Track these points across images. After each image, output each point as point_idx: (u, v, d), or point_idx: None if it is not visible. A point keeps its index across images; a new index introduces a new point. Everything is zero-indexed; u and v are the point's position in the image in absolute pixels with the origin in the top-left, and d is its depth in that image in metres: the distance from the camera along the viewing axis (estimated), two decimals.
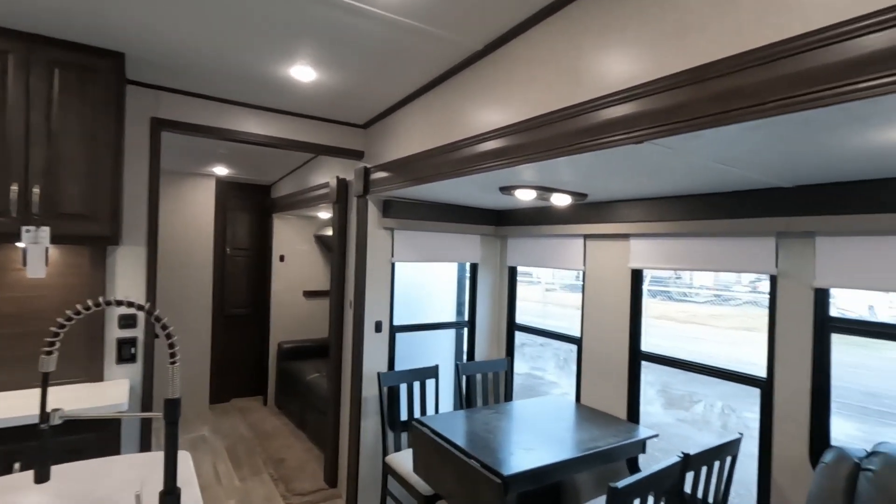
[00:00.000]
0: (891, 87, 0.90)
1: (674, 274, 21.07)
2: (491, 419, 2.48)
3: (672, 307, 15.60)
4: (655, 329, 10.91)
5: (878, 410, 7.39)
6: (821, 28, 0.98)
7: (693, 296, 17.41)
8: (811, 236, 1.87)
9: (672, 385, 7.51)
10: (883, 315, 10.14)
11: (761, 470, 2.03)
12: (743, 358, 8.37)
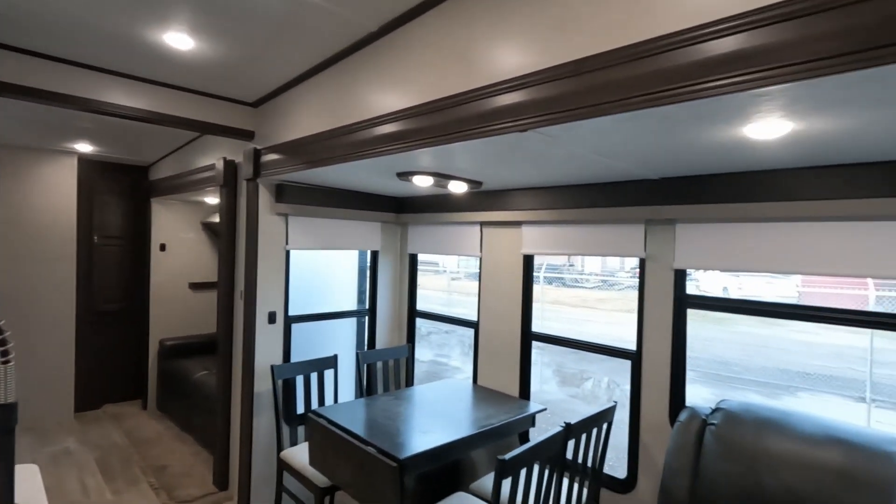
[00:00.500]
0: (735, 87, 1.02)
1: (567, 261, 22.41)
2: (390, 405, 2.48)
3: (565, 293, 16.75)
4: (551, 313, 11.72)
5: (729, 377, 8.58)
6: (676, 31, 1.09)
7: (583, 282, 18.88)
8: (672, 223, 2.11)
9: (565, 365, 8.12)
10: (734, 294, 11.64)
11: (632, 433, 2.26)
12: (623, 336, 9.27)
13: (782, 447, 1.62)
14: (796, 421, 1.67)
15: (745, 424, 1.74)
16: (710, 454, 1.76)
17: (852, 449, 1.53)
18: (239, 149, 2.92)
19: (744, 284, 12.09)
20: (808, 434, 1.62)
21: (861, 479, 1.47)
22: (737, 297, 3.88)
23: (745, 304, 2.08)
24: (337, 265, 3.46)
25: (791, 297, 12.19)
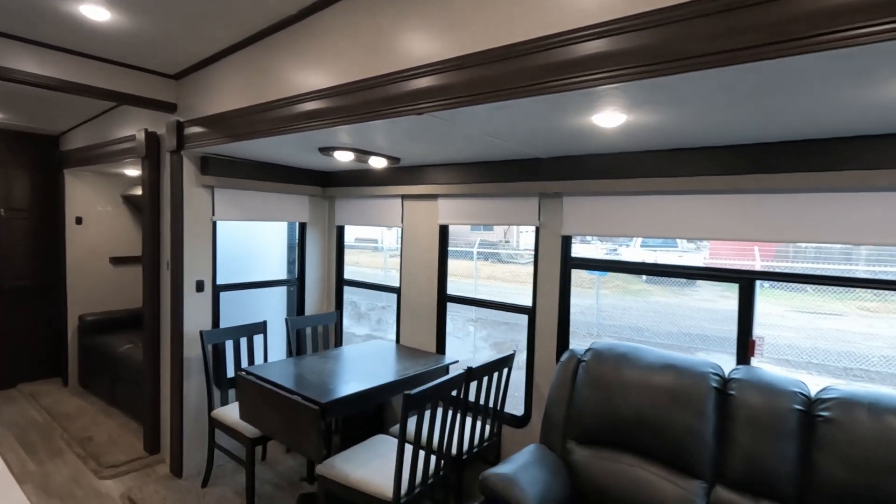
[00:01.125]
0: (579, 85, 1.30)
1: (503, 237, 23.00)
2: (317, 363, 2.71)
3: (501, 268, 17.38)
4: (484, 288, 12.20)
5: (640, 340, 9.49)
6: (535, 38, 1.36)
7: (518, 258, 19.59)
8: (560, 196, 2.46)
9: (495, 336, 8.67)
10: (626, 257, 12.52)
11: (528, 376, 2.64)
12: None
13: (631, 375, 2.04)
14: (644, 354, 2.09)
15: (607, 360, 2.14)
16: (581, 385, 2.15)
17: (679, 373, 1.96)
18: (160, 120, 2.95)
19: (659, 258, 13.25)
20: (651, 363, 2.04)
21: (683, 395, 1.90)
22: (609, 258, 4.37)
23: (615, 263, 2.48)
24: (267, 236, 3.57)
25: (699, 267, 13.47)
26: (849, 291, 11.06)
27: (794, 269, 10.67)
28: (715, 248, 13.66)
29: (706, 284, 13.31)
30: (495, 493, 1.80)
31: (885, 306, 10.24)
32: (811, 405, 1.73)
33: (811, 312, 9.77)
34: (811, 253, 11.34)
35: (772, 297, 11.08)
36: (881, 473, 1.51)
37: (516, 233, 23.25)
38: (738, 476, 1.76)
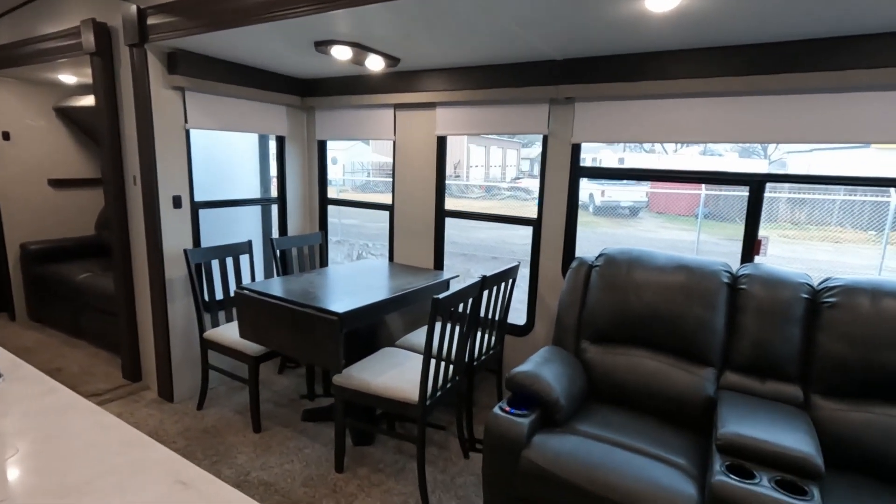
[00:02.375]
0: None
1: (453, 172, 22.93)
2: (314, 279, 2.60)
3: (452, 202, 17.40)
4: (453, 223, 12.13)
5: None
6: None
7: (469, 192, 19.59)
8: (572, 102, 2.39)
9: (493, 267, 8.80)
10: (609, 197, 13.09)
11: (531, 287, 2.69)
12: (503, 238, 10.13)
13: (645, 276, 2.11)
14: (656, 257, 2.17)
15: (619, 264, 2.20)
16: (594, 289, 2.21)
17: (692, 272, 2.06)
18: (106, 10, 2.52)
19: (606, 191, 13.73)
20: (663, 265, 2.12)
21: (696, 291, 2.01)
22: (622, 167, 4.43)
23: (627, 171, 2.49)
24: (239, 151, 3.28)
25: (642, 200, 14.20)
26: (773, 221, 12.11)
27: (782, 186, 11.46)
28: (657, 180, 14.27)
29: (648, 217, 14.05)
30: (524, 387, 1.86)
31: (802, 234, 11.33)
32: (816, 294, 1.88)
33: (740, 240, 10.66)
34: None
35: (707, 228, 11.92)
36: (875, 347, 1.68)
37: (466, 167, 23.10)
38: (746, 361, 1.91)
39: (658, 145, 25.10)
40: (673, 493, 1.49)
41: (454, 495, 2.13)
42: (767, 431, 1.55)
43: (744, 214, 2.12)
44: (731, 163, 16.98)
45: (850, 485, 1.57)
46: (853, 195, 11.44)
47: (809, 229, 11.69)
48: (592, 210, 13.82)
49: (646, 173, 2.30)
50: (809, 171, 12.89)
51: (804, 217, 12.21)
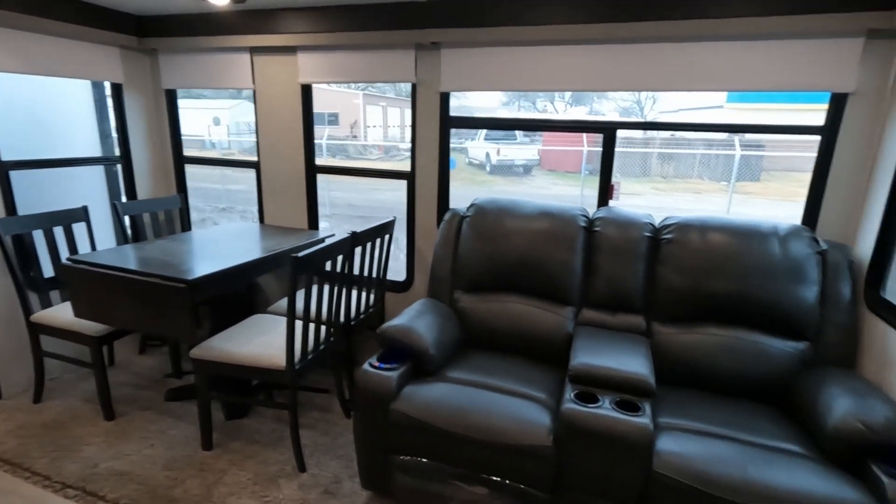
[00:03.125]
0: None
1: (350, 133, 22.10)
2: (168, 246, 2.33)
3: (349, 164, 16.82)
4: (337, 184, 11.79)
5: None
6: None
7: (367, 153, 19.07)
8: (438, 48, 2.31)
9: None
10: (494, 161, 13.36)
11: (409, 242, 2.64)
12: (403, 200, 10.08)
13: (512, 224, 2.16)
14: (523, 206, 2.22)
15: (489, 213, 2.22)
16: (466, 239, 2.23)
17: (554, 218, 2.14)
18: None
19: (501, 150, 14.12)
20: (529, 213, 2.18)
21: (558, 236, 2.09)
22: (492, 116, 4.54)
23: (494, 120, 2.50)
24: (68, 102, 2.78)
25: (534, 158, 14.80)
26: (646, 176, 13.37)
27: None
28: (548, 139, 14.97)
29: (540, 174, 14.74)
30: (394, 341, 1.83)
31: (671, 185, 12.64)
32: (657, 232, 2.05)
33: (621, 193, 11.63)
34: (639, 141, 13.19)
35: (592, 182, 12.82)
36: (702, 276, 1.89)
37: (363, 127, 22.32)
38: (600, 297, 2.05)
39: (550, 105, 26.18)
40: (531, 425, 1.57)
41: (334, 455, 2.10)
42: (612, 359, 1.68)
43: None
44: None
45: (680, 397, 1.77)
46: (710, 150, 12.94)
47: (676, 182, 13.07)
48: (489, 169, 14.16)
49: (510, 122, 2.33)
50: (674, 133, 14.24)
51: (672, 171, 13.60)
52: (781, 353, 1.80)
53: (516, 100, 27.25)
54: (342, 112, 21.60)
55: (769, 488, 1.34)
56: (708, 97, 19.27)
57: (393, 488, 1.74)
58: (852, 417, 1.42)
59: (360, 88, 21.31)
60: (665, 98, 22.91)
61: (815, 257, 1.83)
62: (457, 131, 11.51)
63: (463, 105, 27.60)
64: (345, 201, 10.05)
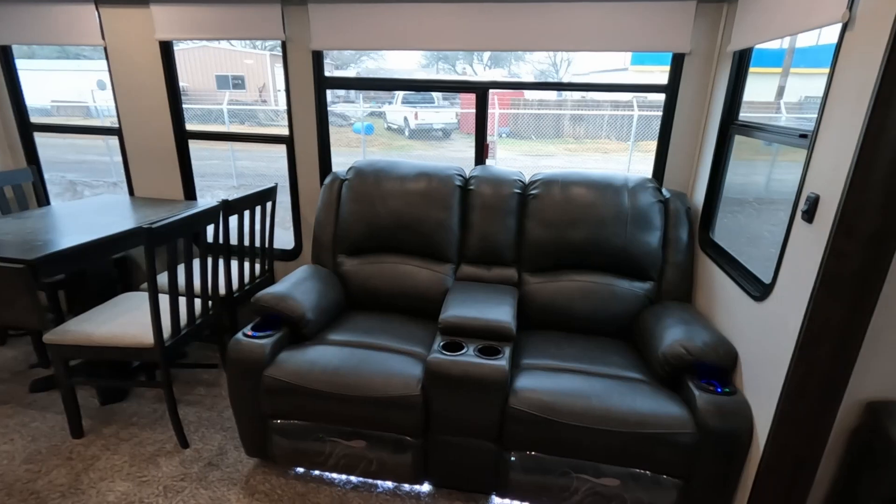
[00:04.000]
0: None
1: (259, 97, 20.74)
2: (11, 224, 2.09)
3: (259, 132, 15.91)
4: (244, 153, 11.09)
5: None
6: None
7: (278, 119, 18.03)
8: (305, 3, 2.20)
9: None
10: (413, 123, 13.23)
11: (294, 208, 2.57)
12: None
13: (390, 186, 2.17)
14: (400, 167, 2.24)
15: (367, 175, 2.21)
16: (346, 202, 2.21)
17: (430, 178, 2.17)
18: None
19: (420, 114, 13.95)
20: (406, 174, 2.20)
21: (434, 196, 2.14)
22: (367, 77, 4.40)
23: (371, 80, 2.45)
24: None
25: (453, 122, 14.78)
26: (559, 138, 13.88)
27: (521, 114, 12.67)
28: (465, 102, 14.99)
29: (459, 138, 14.79)
30: (267, 308, 1.81)
31: (582, 146, 13.23)
32: (526, 188, 2.16)
33: (535, 155, 12.01)
34: (552, 103, 13.54)
35: (508, 144, 13.11)
36: (563, 227, 2.03)
37: (273, 91, 20.95)
38: (475, 253, 2.14)
39: (469, 68, 26.05)
40: (401, 377, 1.64)
41: (221, 428, 2.07)
42: (479, 310, 1.78)
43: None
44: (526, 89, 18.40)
45: (543, 339, 1.92)
46: (616, 111, 13.64)
47: (586, 142, 13.69)
48: (408, 134, 13.98)
49: (387, 83, 2.29)
50: (584, 95, 14.78)
51: (582, 132, 14.21)
52: (630, 293, 2.00)
53: (435, 62, 26.82)
54: (249, 75, 20.11)
55: (608, 411, 1.51)
56: (614, 59, 20.14)
57: (274, 452, 1.76)
58: (677, 344, 1.62)
59: (268, 49, 19.87)
60: (578, 61, 23.63)
61: (659, 206, 2.03)
62: (375, 95, 11.41)
63: (381, 67, 26.78)
64: (254, 171, 9.52)
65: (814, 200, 1.22)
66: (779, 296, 1.38)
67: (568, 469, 1.57)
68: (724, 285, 1.75)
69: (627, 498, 1.55)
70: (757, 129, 1.69)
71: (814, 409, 1.29)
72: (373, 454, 1.69)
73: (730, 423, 1.44)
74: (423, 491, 1.77)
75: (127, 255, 2.74)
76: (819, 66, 12.08)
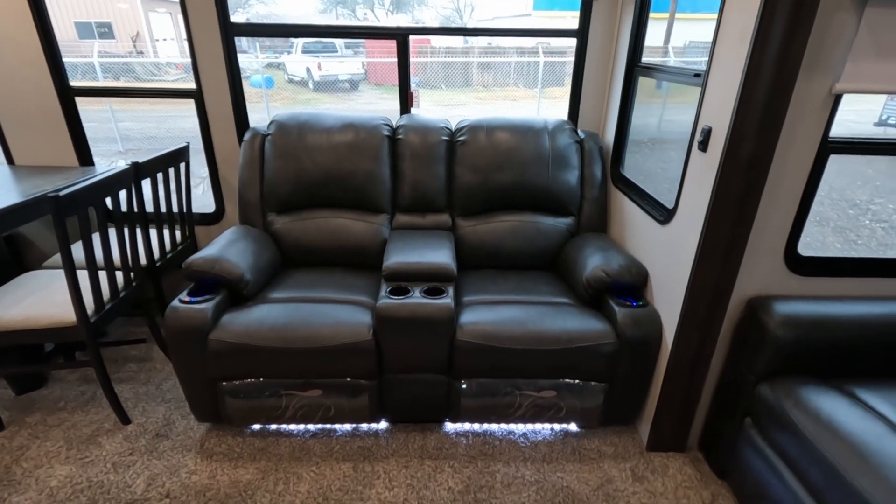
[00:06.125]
0: None
1: (134, 49, 18.50)
2: None
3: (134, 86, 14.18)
4: (125, 113, 9.90)
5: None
6: None
7: (161, 73, 16.17)
8: None
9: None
10: (317, 74, 12.52)
11: (211, 169, 2.42)
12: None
13: (316, 139, 2.12)
14: (325, 119, 2.18)
15: (291, 129, 2.14)
16: (270, 159, 2.13)
17: (357, 129, 2.15)
18: None
19: (322, 63, 13.17)
20: (332, 126, 2.16)
21: (363, 147, 2.13)
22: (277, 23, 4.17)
23: (281, 27, 2.31)
24: None
25: (360, 73, 14.16)
26: (469, 87, 13.87)
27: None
28: (371, 51, 14.35)
29: (368, 89, 14.26)
30: (203, 273, 1.75)
31: (491, 94, 13.36)
32: (453, 134, 2.21)
33: (446, 105, 11.97)
34: (459, 50, 13.34)
35: (419, 94, 12.87)
36: (489, 171, 2.13)
37: (150, 41, 18.49)
38: (409, 202, 2.19)
39: (370, 13, 24.75)
40: (352, 325, 1.69)
41: (163, 400, 2.01)
42: (420, 255, 1.86)
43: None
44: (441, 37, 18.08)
45: (479, 278, 2.06)
46: (523, 57, 13.83)
47: (495, 90, 13.83)
48: (312, 86, 13.21)
49: (301, 29, 2.17)
50: (490, 41, 14.74)
51: (491, 79, 14.31)
52: (554, 228, 2.18)
53: (333, 6, 25.09)
54: (118, 22, 17.53)
55: (542, 333, 1.69)
56: (516, 5, 20.17)
57: (227, 413, 1.77)
58: (598, 269, 1.83)
59: None
60: (481, 6, 23.36)
61: (575, 146, 2.19)
62: (271, 44, 10.61)
63: (273, 13, 24.54)
64: (141, 133, 8.56)
65: (707, 132, 1.42)
66: (680, 218, 1.60)
67: (511, 388, 1.75)
68: (634, 214, 1.97)
69: (563, 405, 1.78)
70: (657, 71, 1.87)
71: (709, 310, 1.55)
72: (330, 401, 1.75)
73: (644, 331, 1.68)
74: (381, 428, 1.88)
75: (15, 232, 2.44)
76: (698, 12, 12.96)
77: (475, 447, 1.81)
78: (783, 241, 1.51)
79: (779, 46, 1.22)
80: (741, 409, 1.56)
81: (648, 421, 1.79)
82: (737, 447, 1.57)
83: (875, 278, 1.57)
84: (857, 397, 1.37)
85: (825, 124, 1.36)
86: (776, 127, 1.30)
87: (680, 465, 1.75)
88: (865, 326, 1.46)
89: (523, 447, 1.81)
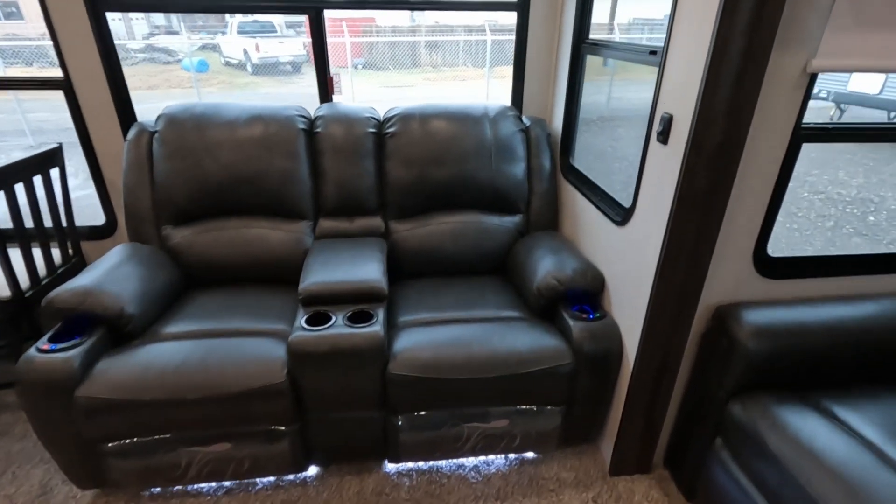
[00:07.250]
0: None
1: (46, 33, 16.90)
2: None
3: (29, 72, 13.04)
4: (42, 103, 8.97)
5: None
6: None
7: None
8: None
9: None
10: (255, 57, 11.78)
11: (94, 173, 2.03)
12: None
13: (217, 135, 1.78)
14: (225, 110, 1.84)
15: (185, 124, 1.79)
16: (160, 159, 1.77)
17: (267, 122, 1.82)
18: None
19: (260, 44, 12.35)
20: (235, 119, 1.81)
21: (274, 142, 1.81)
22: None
23: (162, 1, 1.92)
24: None
25: (301, 54, 13.40)
26: (417, 67, 13.40)
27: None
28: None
29: (311, 71, 13.52)
30: (69, 310, 1.41)
31: (440, 75, 12.97)
32: (381, 126, 1.92)
33: (394, 87, 11.50)
34: (406, 29, 12.82)
35: (365, 76, 12.33)
36: (425, 164, 1.86)
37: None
38: (334, 204, 1.89)
39: None
40: (262, 363, 1.40)
41: (40, 461, 1.66)
42: (344, 271, 1.58)
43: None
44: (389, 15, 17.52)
45: (418, 290, 1.80)
46: (470, 36, 13.46)
47: (444, 70, 13.43)
48: (251, 69, 12.38)
49: (186, 4, 1.80)
50: (438, 20, 14.25)
51: (440, 59, 13.87)
52: (500, 228, 1.94)
53: None
54: (26, 2, 15.77)
55: (490, 357, 1.46)
56: None
57: (115, 478, 1.45)
58: (549, 276, 1.61)
59: None
60: None
61: (521, 135, 1.95)
62: (204, 24, 9.75)
63: None
64: (58, 125, 7.68)
65: (668, 120, 1.20)
66: (639, 218, 1.39)
67: (457, 420, 1.52)
68: (587, 211, 1.76)
69: (517, 433, 1.57)
70: (608, 48, 1.64)
71: (674, 320, 1.36)
72: (242, 453, 1.46)
73: (603, 346, 1.48)
74: (310, 475, 1.62)
75: None
76: None
77: (420, 488, 1.58)
78: (752, 242, 1.33)
79: (750, 14, 1.00)
80: (711, 429, 1.39)
81: (612, 438, 1.61)
82: (707, 467, 1.41)
83: (847, 277, 1.42)
84: (837, 417, 1.22)
85: (799, 108, 1.17)
86: (748, 111, 1.10)
87: (646, 489, 1.58)
88: (839, 332, 1.31)
89: (475, 483, 1.60)
